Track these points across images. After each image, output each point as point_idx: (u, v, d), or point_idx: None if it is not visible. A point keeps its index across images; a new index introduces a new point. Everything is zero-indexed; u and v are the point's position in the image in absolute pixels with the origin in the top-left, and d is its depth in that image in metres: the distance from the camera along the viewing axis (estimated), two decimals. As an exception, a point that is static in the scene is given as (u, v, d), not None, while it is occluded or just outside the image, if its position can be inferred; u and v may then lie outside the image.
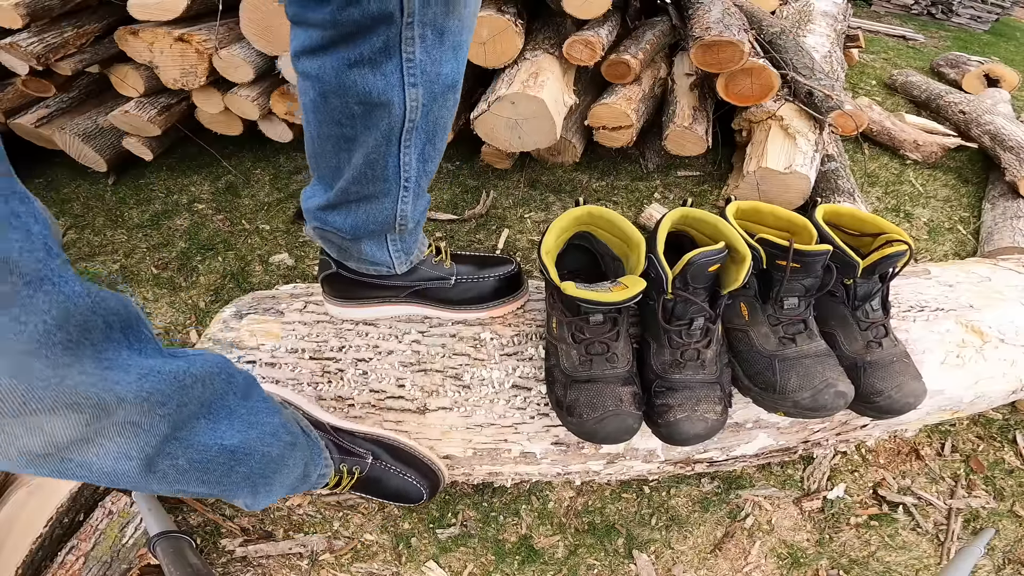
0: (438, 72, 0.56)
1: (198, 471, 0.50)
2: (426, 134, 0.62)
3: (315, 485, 0.71)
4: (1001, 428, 1.08)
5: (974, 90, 2.26)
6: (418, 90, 0.57)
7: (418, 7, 0.50)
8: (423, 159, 0.65)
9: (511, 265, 0.85)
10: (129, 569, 0.83)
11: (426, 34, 0.53)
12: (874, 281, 0.74)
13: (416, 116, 0.59)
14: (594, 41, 1.36)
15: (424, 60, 0.55)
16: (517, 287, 0.86)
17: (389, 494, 0.78)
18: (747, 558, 0.91)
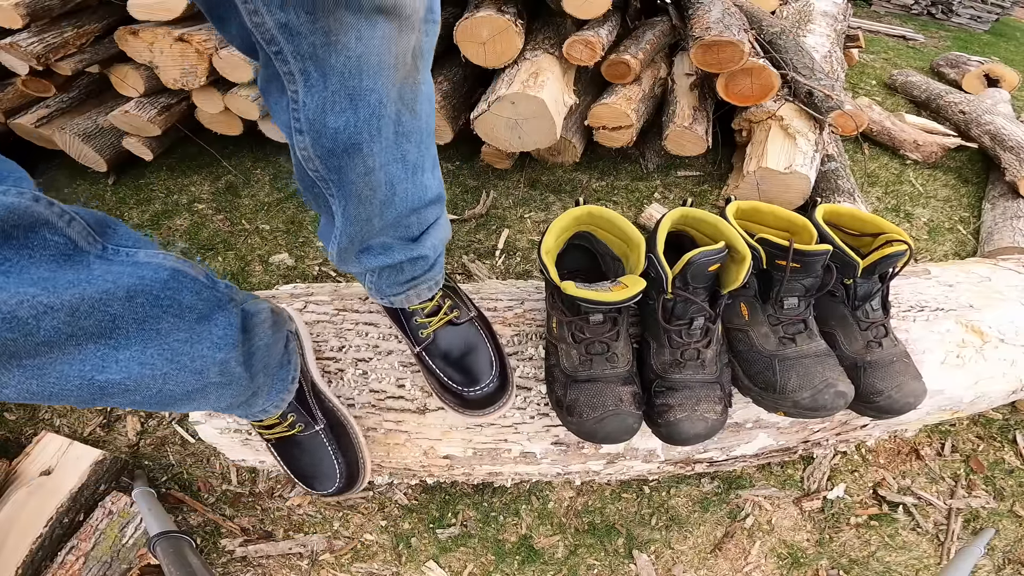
0: (324, 123, 0.46)
1: (38, 398, 0.43)
2: (343, 192, 0.52)
3: (252, 415, 0.67)
4: (1001, 428, 1.08)
5: (974, 90, 2.26)
6: (305, 139, 0.48)
7: (282, 38, 0.41)
8: (346, 218, 0.55)
9: (488, 378, 0.71)
10: (129, 569, 0.83)
11: (308, 69, 0.43)
12: (874, 281, 0.74)
13: (316, 168, 0.50)
14: (594, 41, 1.36)
15: (308, 104, 0.45)
16: (491, 402, 0.71)
17: (302, 469, 0.73)
18: (747, 558, 0.91)
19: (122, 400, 0.47)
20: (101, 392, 0.44)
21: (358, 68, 0.44)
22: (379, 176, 0.52)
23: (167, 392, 0.49)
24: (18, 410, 1.07)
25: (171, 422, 1.05)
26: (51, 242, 0.38)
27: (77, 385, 0.43)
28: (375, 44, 0.43)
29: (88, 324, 0.40)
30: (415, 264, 0.67)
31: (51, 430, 0.98)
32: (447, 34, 1.42)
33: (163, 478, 0.98)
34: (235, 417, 0.79)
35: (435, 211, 0.65)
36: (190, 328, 0.48)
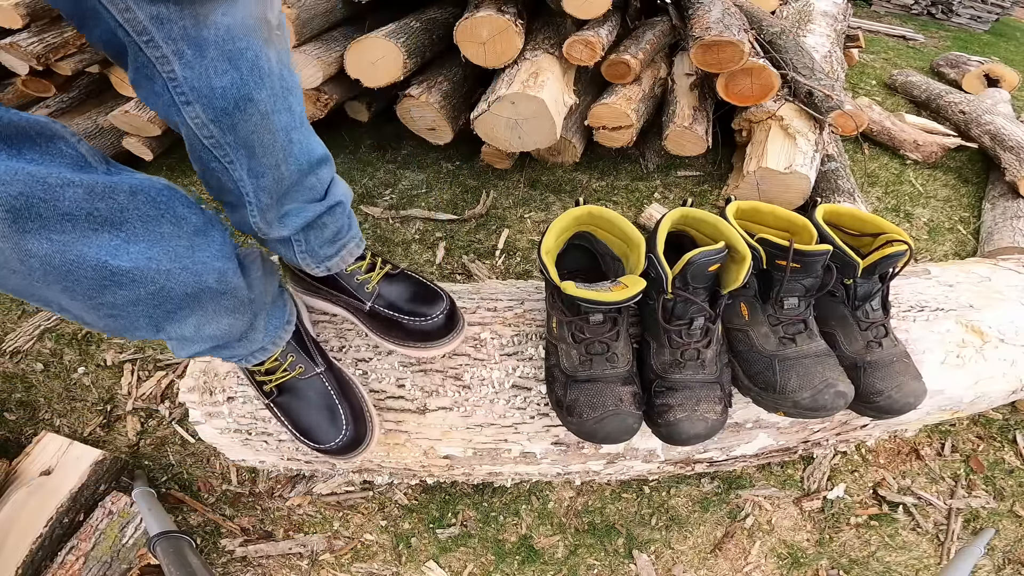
0: (211, 87, 0.52)
1: (58, 276, 0.47)
2: (245, 150, 0.58)
3: (252, 355, 0.68)
4: (1001, 428, 1.08)
5: (974, 90, 2.26)
6: (194, 108, 0.53)
7: (153, 27, 0.47)
8: (254, 175, 0.61)
9: (441, 305, 0.76)
10: (129, 569, 0.83)
11: (182, 50, 0.50)
12: (874, 281, 0.74)
13: (211, 133, 0.56)
14: (594, 41, 1.36)
15: (189, 77, 0.51)
16: (447, 330, 0.76)
17: (305, 420, 0.71)
18: (747, 558, 0.91)
19: (128, 293, 0.52)
20: (112, 278, 0.50)
21: (230, 35, 0.51)
22: (274, 121, 0.59)
23: (168, 291, 0.54)
24: (18, 410, 1.07)
25: (171, 422, 1.05)
26: (66, 153, 0.45)
27: (93, 266, 0.48)
28: (239, 13, 0.51)
29: (101, 207, 0.47)
30: (333, 215, 0.71)
31: (51, 430, 0.98)
32: (447, 34, 1.42)
33: (163, 478, 0.98)
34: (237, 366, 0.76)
35: (329, 170, 0.70)
36: (189, 238, 0.54)
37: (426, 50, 1.46)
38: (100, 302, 0.51)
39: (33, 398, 1.09)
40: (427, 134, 1.52)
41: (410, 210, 1.48)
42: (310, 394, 0.72)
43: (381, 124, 1.74)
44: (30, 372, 1.13)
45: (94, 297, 0.50)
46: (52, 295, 0.50)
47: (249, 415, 0.79)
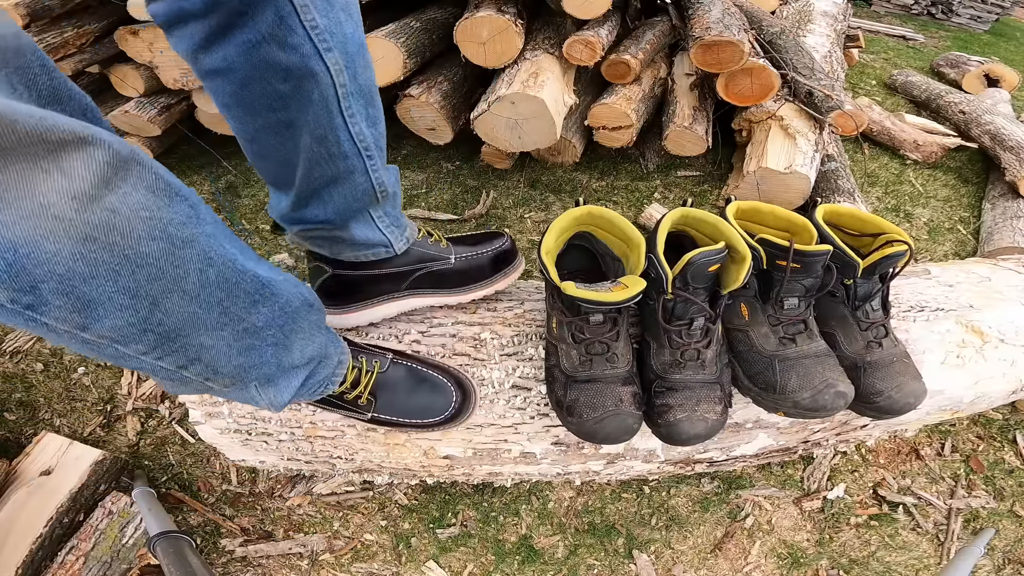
0: (344, 33, 0.57)
1: (223, 290, 0.47)
2: (363, 98, 0.62)
3: (333, 375, 0.66)
4: (1001, 428, 1.08)
5: (974, 90, 2.26)
6: (334, 54, 0.56)
7: None
8: (372, 123, 0.64)
9: (503, 238, 0.84)
10: (129, 569, 0.83)
11: (316, 1, 0.53)
12: (874, 281, 0.74)
13: (344, 80, 0.58)
14: (594, 41, 1.36)
15: (328, 24, 0.55)
16: (513, 258, 0.84)
17: (415, 404, 0.70)
18: (747, 558, 0.91)
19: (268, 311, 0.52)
20: (261, 291, 0.51)
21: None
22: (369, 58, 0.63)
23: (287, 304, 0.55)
24: (18, 410, 1.07)
25: (171, 422, 1.05)
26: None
27: (251, 278, 0.49)
28: None
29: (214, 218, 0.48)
30: (398, 179, 0.75)
31: (51, 430, 0.98)
32: (447, 34, 1.42)
33: (163, 478, 0.98)
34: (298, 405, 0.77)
35: None
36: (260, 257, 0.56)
37: (426, 50, 1.46)
38: (247, 326, 0.51)
39: (33, 398, 1.09)
40: (427, 134, 1.52)
41: (410, 210, 1.48)
42: (401, 380, 0.71)
43: (381, 124, 1.74)
44: (30, 372, 1.13)
45: (243, 320, 0.50)
46: (201, 333, 0.48)
47: (249, 415, 0.79)
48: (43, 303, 0.38)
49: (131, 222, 0.38)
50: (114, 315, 0.41)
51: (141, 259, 0.40)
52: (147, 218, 0.39)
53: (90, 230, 0.36)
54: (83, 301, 0.39)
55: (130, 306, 0.41)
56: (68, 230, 0.35)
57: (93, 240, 0.36)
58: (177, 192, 0.42)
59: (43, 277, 0.36)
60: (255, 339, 0.52)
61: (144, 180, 0.39)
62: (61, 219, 0.35)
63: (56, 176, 0.34)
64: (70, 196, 0.34)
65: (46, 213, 0.34)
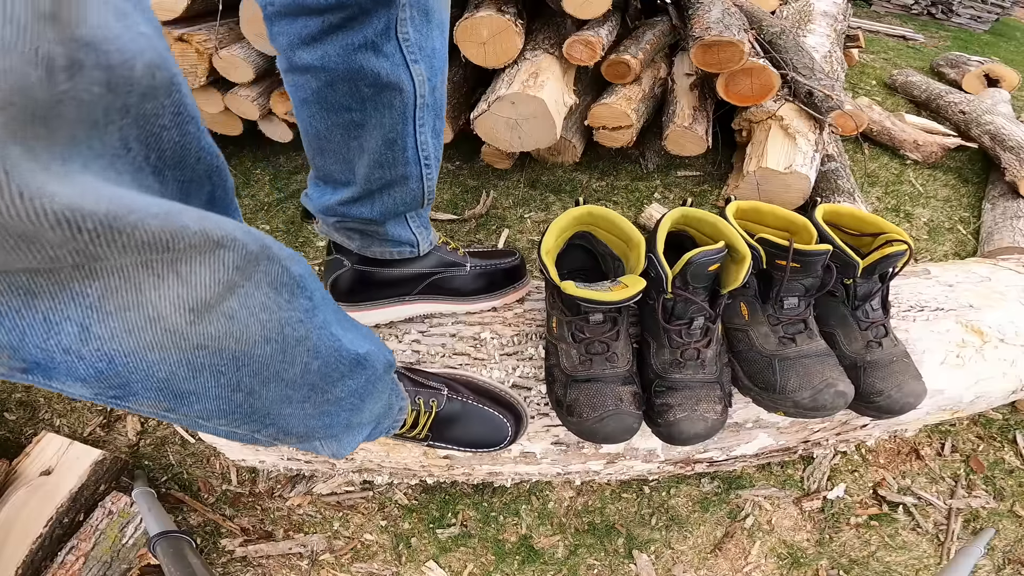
0: (433, 48, 0.59)
1: (320, 375, 0.44)
2: (434, 110, 0.64)
3: (394, 423, 0.66)
4: (1001, 428, 1.08)
5: (974, 90, 2.26)
6: (420, 66, 0.59)
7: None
8: (435, 134, 0.67)
9: (515, 255, 0.87)
10: (129, 569, 0.83)
11: (415, 16, 0.55)
12: (874, 281, 0.74)
13: (425, 92, 0.61)
14: (594, 41, 1.36)
15: (419, 38, 0.57)
16: (522, 276, 0.88)
17: (472, 436, 0.72)
18: (747, 558, 0.91)
19: (354, 383, 0.50)
20: (354, 367, 0.49)
21: (442, 6, 0.59)
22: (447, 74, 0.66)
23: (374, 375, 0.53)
24: (18, 410, 1.07)
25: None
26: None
27: (349, 360, 0.47)
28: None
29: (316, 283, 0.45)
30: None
31: (51, 430, 0.98)
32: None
33: (163, 478, 0.98)
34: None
35: None
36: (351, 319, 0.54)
37: (426, 50, 1.46)
38: (329, 398, 0.47)
39: (33, 398, 1.09)
40: (427, 134, 1.52)
41: (410, 210, 1.48)
42: (457, 417, 0.72)
43: (381, 124, 1.74)
44: (30, 372, 1.13)
45: (328, 393, 0.47)
46: (284, 407, 0.44)
47: (249, 415, 0.79)
48: (131, 395, 0.34)
49: (248, 326, 0.33)
50: (206, 402, 0.37)
51: (250, 360, 0.36)
52: (265, 320, 0.35)
53: (203, 340, 0.31)
54: (177, 394, 0.35)
55: (224, 396, 0.38)
56: (178, 343, 0.31)
57: (203, 348, 0.32)
58: (300, 284, 0.37)
59: (139, 380, 0.32)
60: (334, 407, 0.50)
61: (269, 276, 0.34)
62: (173, 332, 0.30)
63: (172, 283, 0.28)
64: (187, 308, 0.29)
65: (155, 327, 0.29)
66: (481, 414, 0.72)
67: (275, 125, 1.61)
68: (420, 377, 0.73)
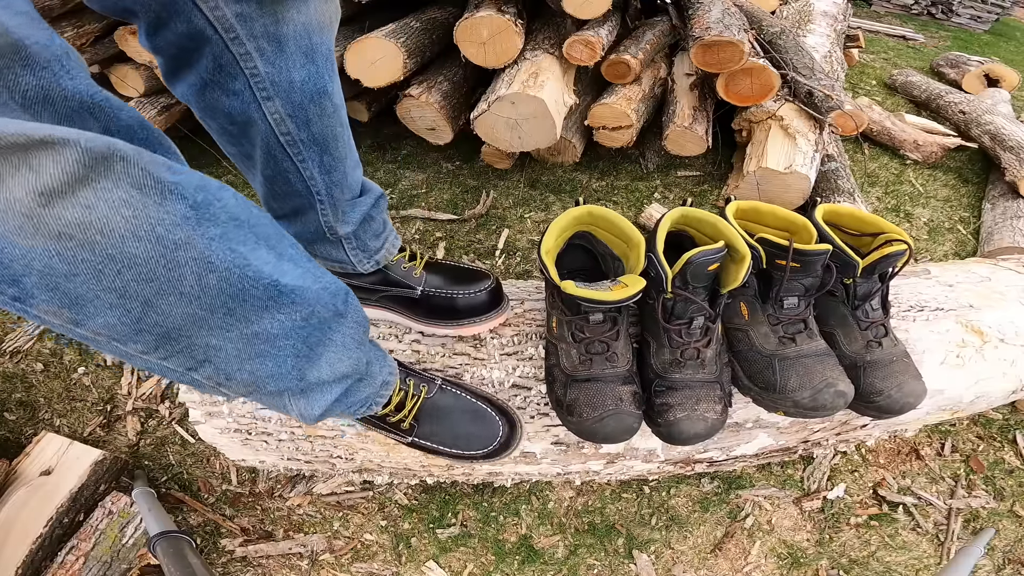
0: (291, 81, 0.55)
1: (227, 294, 0.44)
2: (317, 146, 0.60)
3: (377, 395, 0.64)
4: (1001, 428, 1.08)
5: (974, 90, 2.26)
6: (275, 103, 0.55)
7: (238, 24, 0.50)
8: (325, 170, 0.63)
9: (488, 281, 0.77)
10: (129, 569, 0.83)
11: (264, 47, 0.52)
12: (874, 281, 0.74)
13: (288, 129, 0.57)
14: (594, 41, 1.36)
15: (270, 72, 0.53)
16: (495, 304, 0.78)
17: (460, 434, 0.68)
18: (747, 558, 0.91)
19: (285, 318, 0.48)
20: (277, 299, 0.47)
21: (307, 31, 0.53)
22: (342, 113, 0.62)
23: (315, 316, 0.51)
24: (18, 410, 1.07)
25: (171, 422, 1.05)
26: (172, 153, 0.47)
27: (265, 284, 0.46)
28: (312, 11, 0.53)
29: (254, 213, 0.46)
30: (379, 207, 0.73)
31: (51, 430, 0.98)
32: (447, 34, 1.42)
33: (163, 478, 0.98)
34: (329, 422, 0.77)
35: (360, 167, 0.72)
36: (309, 259, 0.53)
37: (426, 50, 1.46)
38: (257, 331, 0.47)
39: (33, 398, 1.09)
40: (427, 134, 1.52)
41: (410, 210, 1.48)
42: (447, 408, 0.70)
43: (381, 124, 1.74)
44: (30, 372, 1.13)
45: (253, 323, 0.47)
46: (206, 333, 0.45)
47: (249, 415, 0.79)
48: (29, 296, 0.38)
49: (110, 220, 0.36)
50: (105, 313, 0.40)
51: (127, 259, 0.38)
52: (130, 216, 0.37)
53: (62, 227, 0.35)
54: (70, 297, 0.38)
55: (119, 304, 0.40)
56: (38, 227, 0.34)
57: (69, 237, 0.36)
58: (172, 191, 0.39)
59: (22, 271, 0.36)
60: (269, 346, 0.49)
61: (130, 177, 0.37)
62: (29, 216, 0.34)
63: (24, 172, 0.33)
64: (37, 192, 0.33)
65: (13, 210, 0.34)
66: (475, 409, 0.70)
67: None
68: (418, 369, 0.72)
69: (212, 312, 0.44)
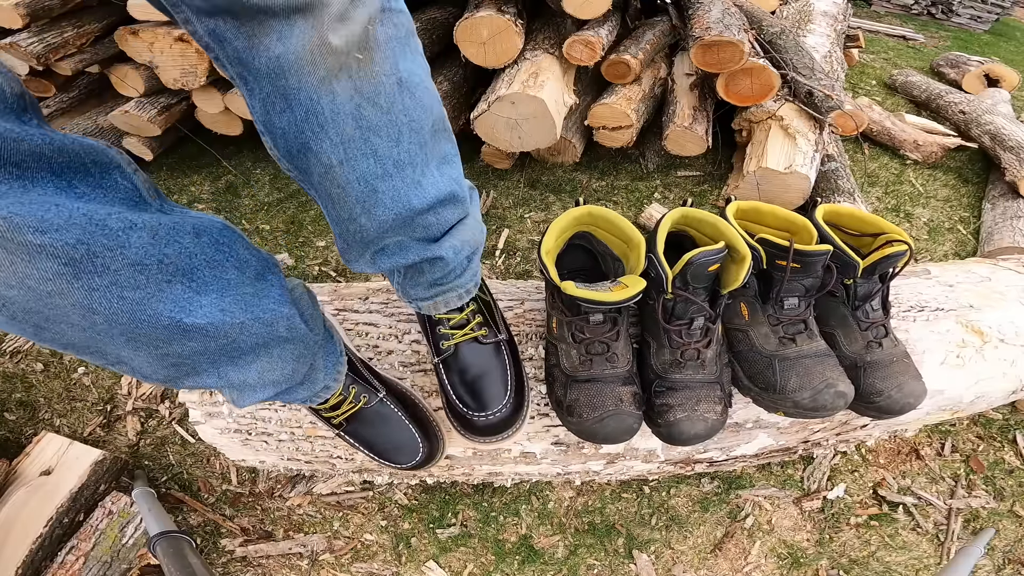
0: (273, 124, 0.49)
1: (123, 333, 0.43)
2: (319, 194, 0.55)
3: (316, 395, 0.65)
4: (1001, 428, 1.08)
5: (974, 90, 2.26)
6: (267, 139, 0.51)
7: (214, 44, 0.43)
8: (332, 219, 0.59)
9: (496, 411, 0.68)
10: (129, 569, 0.83)
11: (242, 74, 0.45)
12: (874, 281, 0.74)
13: (288, 168, 0.53)
14: (594, 41, 1.36)
15: (255, 107, 0.48)
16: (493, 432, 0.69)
17: (380, 444, 0.70)
18: (747, 558, 0.91)
19: (197, 345, 0.47)
20: (184, 335, 0.46)
21: (280, 68, 0.43)
22: (343, 173, 0.51)
23: (240, 343, 0.50)
24: (18, 410, 1.07)
25: (171, 422, 1.05)
26: (121, 185, 0.41)
27: (165, 326, 0.44)
28: (293, 43, 0.42)
29: (169, 252, 0.42)
30: (434, 266, 0.63)
31: (51, 430, 0.98)
32: (447, 34, 1.42)
33: (163, 478, 0.98)
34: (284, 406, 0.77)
35: (454, 211, 0.62)
36: (252, 283, 0.50)
37: (426, 50, 1.46)
38: (166, 352, 0.47)
39: (33, 398, 1.09)
40: (427, 134, 1.52)
41: (410, 210, 1.48)
42: (378, 420, 0.70)
43: (381, 124, 1.74)
44: (30, 372, 1.13)
45: (160, 348, 0.46)
46: (111, 348, 0.45)
47: (249, 415, 0.79)
48: None
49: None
50: (4, 324, 0.40)
51: (5, 299, 0.38)
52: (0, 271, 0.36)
53: None
54: None
55: (12, 324, 0.40)
56: None
57: None
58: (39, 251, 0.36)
59: None
60: (183, 360, 0.48)
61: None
62: None
63: None
64: None
65: None
66: (402, 429, 0.70)
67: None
68: (365, 372, 0.72)
69: (111, 339, 0.43)
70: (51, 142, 0.36)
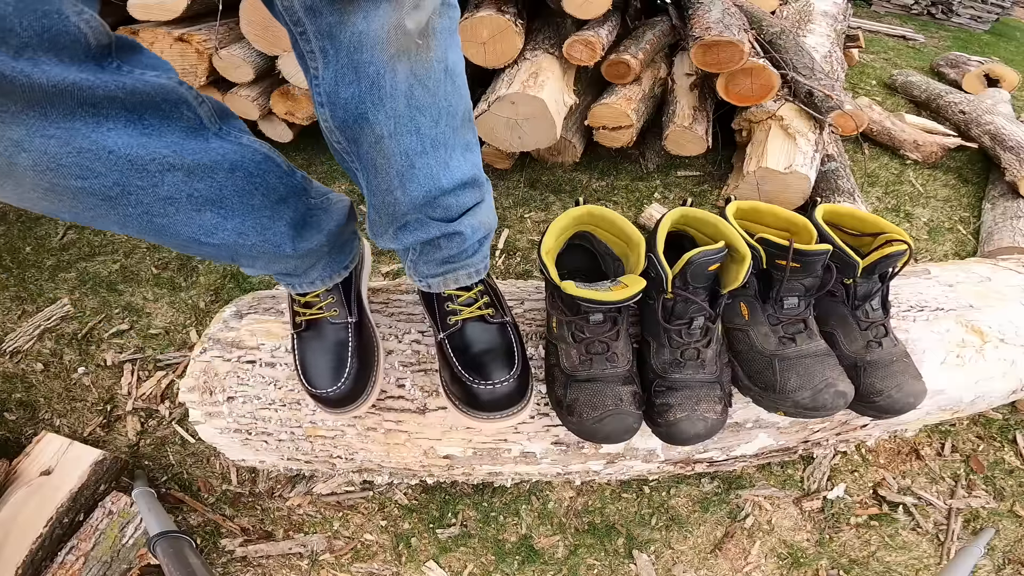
0: (337, 95, 0.52)
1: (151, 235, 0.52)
2: (363, 166, 0.59)
3: (300, 285, 0.70)
4: (1001, 428, 1.08)
5: (974, 90, 2.26)
6: (325, 111, 0.54)
7: (306, 18, 0.47)
8: (370, 191, 0.61)
9: (503, 380, 0.67)
10: (129, 569, 0.83)
11: (325, 47, 0.49)
12: (874, 281, 0.74)
13: (338, 139, 0.56)
14: (594, 41, 1.36)
15: (326, 79, 0.51)
16: (498, 408, 0.67)
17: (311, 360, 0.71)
18: (747, 558, 0.91)
19: (208, 252, 0.57)
20: (199, 247, 0.55)
21: (359, 43, 0.49)
22: (390, 146, 0.56)
23: (244, 254, 0.59)
24: (18, 410, 1.07)
25: (171, 422, 1.05)
26: (186, 116, 0.47)
27: (185, 240, 0.54)
28: (376, 22, 0.48)
29: (201, 187, 0.50)
30: (451, 241, 0.65)
31: (51, 430, 0.98)
32: (447, 34, 1.42)
33: (163, 478, 0.98)
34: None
35: (472, 195, 0.65)
36: (272, 207, 0.57)
37: (426, 50, 1.46)
38: (183, 248, 0.57)
39: (33, 398, 1.09)
40: (427, 134, 1.52)
41: (410, 210, 1.48)
42: (329, 338, 0.71)
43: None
44: (30, 372, 1.13)
45: (178, 247, 0.56)
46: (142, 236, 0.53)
47: (249, 415, 0.79)
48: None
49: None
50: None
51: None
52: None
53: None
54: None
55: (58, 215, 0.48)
56: None
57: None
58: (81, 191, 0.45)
59: None
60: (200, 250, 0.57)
61: None
62: None
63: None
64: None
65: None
66: (339, 356, 0.70)
67: (275, 125, 1.61)
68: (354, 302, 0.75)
69: (143, 236, 0.53)
70: (123, 86, 0.42)
